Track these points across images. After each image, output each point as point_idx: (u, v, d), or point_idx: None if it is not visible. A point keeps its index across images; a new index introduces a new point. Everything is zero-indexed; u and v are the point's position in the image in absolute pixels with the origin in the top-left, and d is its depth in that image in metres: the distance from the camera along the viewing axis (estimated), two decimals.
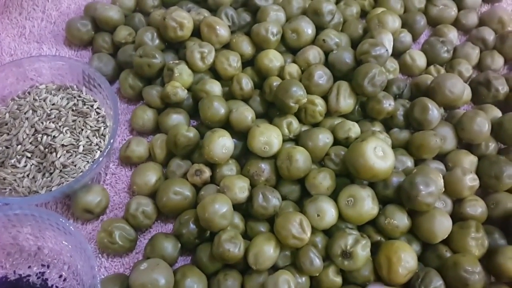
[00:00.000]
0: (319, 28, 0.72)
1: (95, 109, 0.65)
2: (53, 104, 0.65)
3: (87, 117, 0.64)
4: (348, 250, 0.54)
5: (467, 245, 0.57)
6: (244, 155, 0.65)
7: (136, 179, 0.62)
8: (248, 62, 0.72)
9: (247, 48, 0.70)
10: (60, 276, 0.58)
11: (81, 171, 0.61)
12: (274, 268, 0.56)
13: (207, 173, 0.62)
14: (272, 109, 0.68)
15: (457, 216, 0.61)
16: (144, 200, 0.60)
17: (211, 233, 0.59)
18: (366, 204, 0.56)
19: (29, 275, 0.58)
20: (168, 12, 0.69)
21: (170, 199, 0.59)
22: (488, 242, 0.58)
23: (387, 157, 0.56)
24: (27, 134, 0.62)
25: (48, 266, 0.58)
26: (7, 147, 0.62)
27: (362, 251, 0.54)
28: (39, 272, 0.58)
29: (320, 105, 0.65)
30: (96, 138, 0.63)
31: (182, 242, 0.58)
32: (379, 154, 0.55)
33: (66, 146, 0.61)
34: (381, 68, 0.63)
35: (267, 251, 0.54)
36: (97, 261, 0.60)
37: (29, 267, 0.58)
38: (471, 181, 0.61)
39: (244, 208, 0.60)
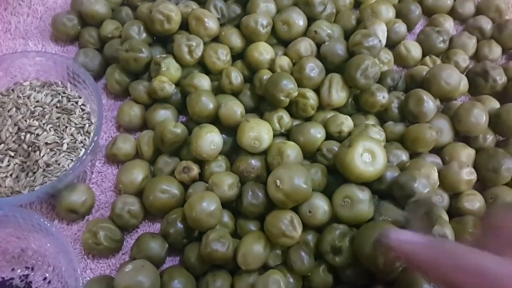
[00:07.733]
0: (311, 19, 0.70)
1: (80, 105, 0.63)
2: (37, 101, 0.63)
3: (71, 114, 0.62)
4: (337, 245, 0.52)
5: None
6: (235, 151, 0.63)
7: (122, 178, 0.60)
8: (238, 56, 0.69)
9: (236, 41, 0.68)
10: (45, 279, 0.56)
11: (65, 170, 0.59)
12: (265, 268, 0.54)
13: (195, 170, 0.60)
14: (263, 104, 0.66)
15: (455, 211, 0.59)
16: (130, 199, 0.59)
17: (199, 233, 0.57)
18: (364, 207, 0.53)
19: (12, 278, 0.56)
20: (154, 4, 0.67)
21: (157, 198, 0.57)
22: None
23: (376, 161, 0.53)
24: (10, 133, 0.60)
25: (32, 269, 0.57)
26: None
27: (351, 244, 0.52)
28: (23, 275, 0.56)
29: (311, 98, 0.63)
30: (81, 135, 0.61)
31: (170, 242, 0.56)
32: (366, 160, 0.53)
33: (49, 144, 0.59)
34: (374, 59, 0.61)
35: (257, 250, 0.52)
36: (83, 262, 0.58)
37: (13, 269, 0.56)
38: (468, 175, 0.59)
39: (234, 206, 0.58)
